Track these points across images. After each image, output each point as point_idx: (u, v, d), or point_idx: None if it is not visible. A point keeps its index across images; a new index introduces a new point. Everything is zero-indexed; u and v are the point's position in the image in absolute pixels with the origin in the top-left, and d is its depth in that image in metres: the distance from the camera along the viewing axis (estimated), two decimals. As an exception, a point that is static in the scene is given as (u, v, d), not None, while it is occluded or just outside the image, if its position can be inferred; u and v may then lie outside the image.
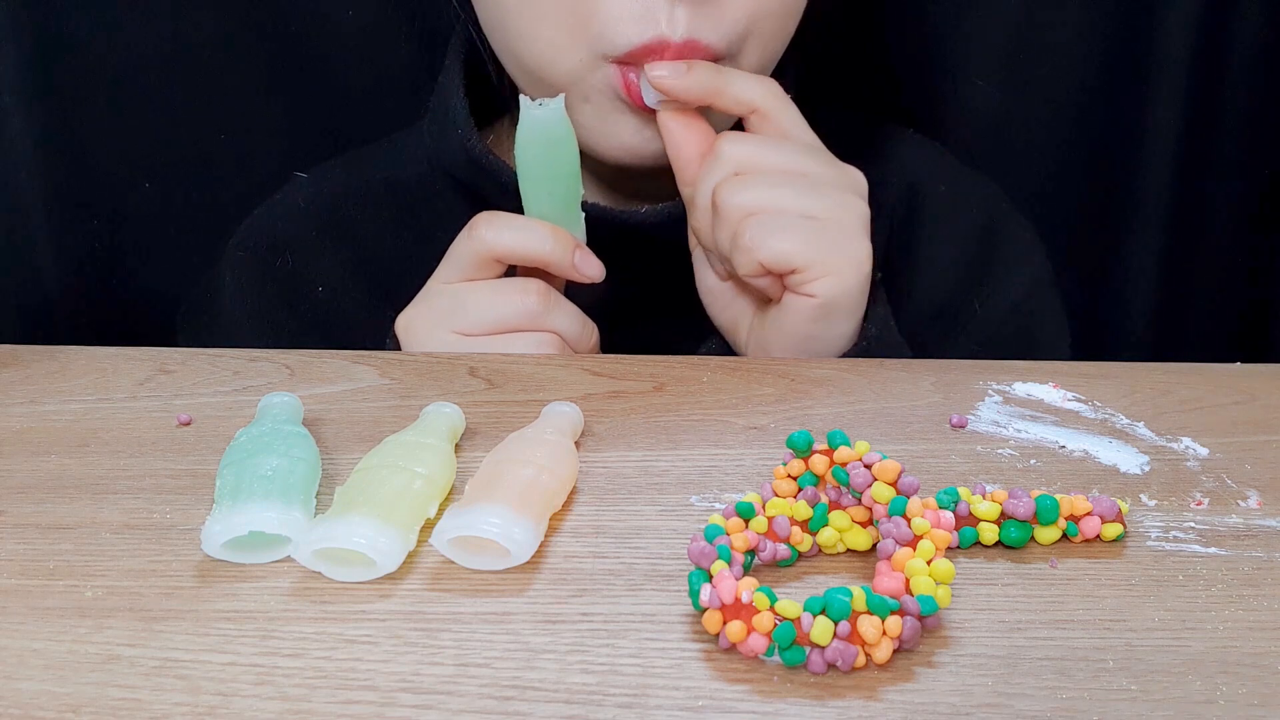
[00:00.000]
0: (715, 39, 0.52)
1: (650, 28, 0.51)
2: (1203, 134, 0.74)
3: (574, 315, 0.54)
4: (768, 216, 0.50)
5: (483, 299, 0.52)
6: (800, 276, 0.50)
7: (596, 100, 0.54)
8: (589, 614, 0.34)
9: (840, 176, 0.52)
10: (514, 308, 0.52)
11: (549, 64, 0.54)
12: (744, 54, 0.54)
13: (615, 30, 0.51)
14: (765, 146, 0.52)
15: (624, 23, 0.51)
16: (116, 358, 0.50)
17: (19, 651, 0.33)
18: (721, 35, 0.52)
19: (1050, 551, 0.38)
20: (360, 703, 0.31)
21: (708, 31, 0.51)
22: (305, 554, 0.36)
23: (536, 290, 0.52)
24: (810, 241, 0.50)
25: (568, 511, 0.40)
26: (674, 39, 0.51)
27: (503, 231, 0.52)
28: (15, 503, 0.40)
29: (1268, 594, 0.36)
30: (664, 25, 0.51)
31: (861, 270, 0.51)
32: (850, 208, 0.51)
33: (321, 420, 0.45)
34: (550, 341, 0.52)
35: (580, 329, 0.54)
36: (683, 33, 0.51)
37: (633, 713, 0.31)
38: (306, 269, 0.63)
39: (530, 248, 0.52)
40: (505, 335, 0.52)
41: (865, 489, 0.37)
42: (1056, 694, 0.31)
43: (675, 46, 0.51)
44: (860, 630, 0.32)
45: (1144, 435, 0.45)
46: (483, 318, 0.52)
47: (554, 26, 0.53)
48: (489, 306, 0.52)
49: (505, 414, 0.46)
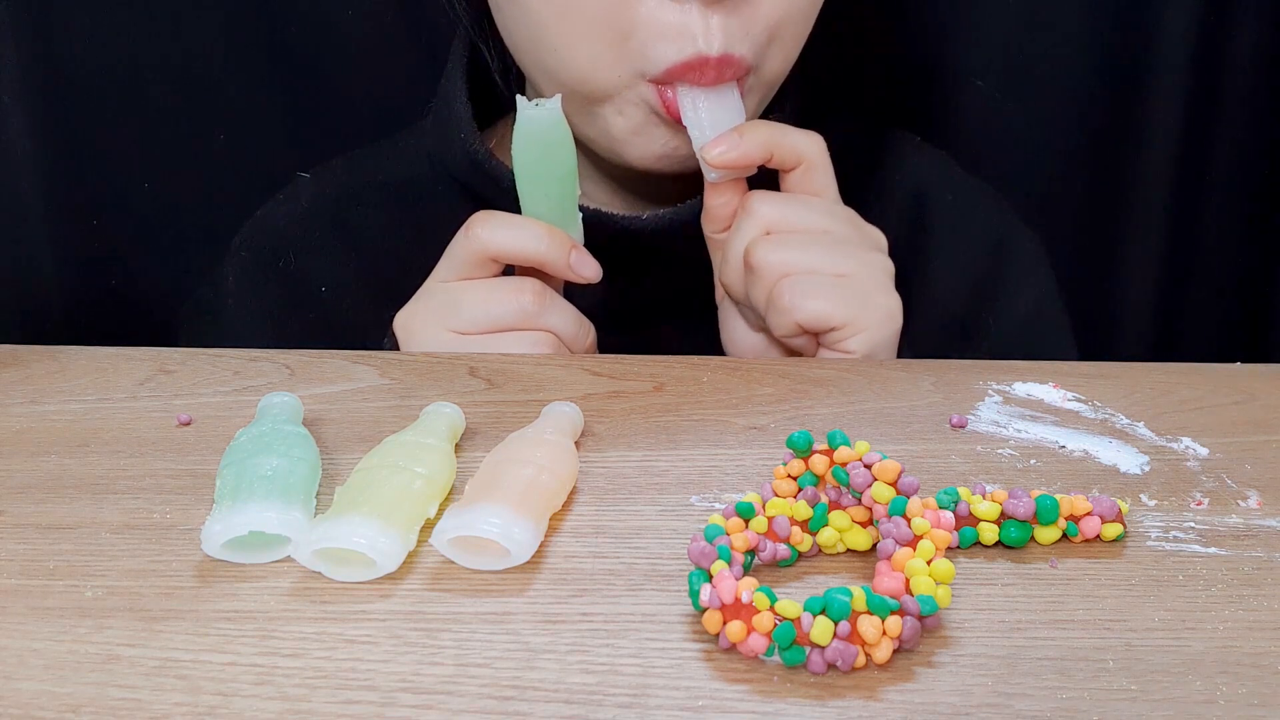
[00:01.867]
0: (746, 50, 0.52)
1: (689, 44, 0.51)
2: (1202, 135, 0.74)
3: (570, 315, 0.53)
4: (802, 277, 0.51)
5: (478, 298, 0.52)
6: (837, 335, 0.51)
7: (631, 114, 0.54)
8: (589, 614, 0.34)
9: (864, 234, 0.54)
10: (508, 307, 0.52)
11: (587, 79, 0.54)
12: (768, 61, 0.54)
13: (653, 47, 0.51)
14: (796, 206, 0.53)
15: (662, 40, 0.51)
16: (116, 358, 0.50)
17: (19, 651, 0.33)
18: (751, 45, 0.52)
19: (1050, 551, 0.38)
20: (360, 703, 0.31)
21: (738, 43, 0.51)
22: (305, 554, 0.36)
23: (531, 290, 0.52)
24: (844, 301, 0.51)
25: (568, 511, 0.40)
26: (711, 54, 0.51)
27: (498, 230, 0.52)
28: (15, 503, 0.40)
29: (1268, 594, 0.36)
30: (700, 41, 0.51)
31: (894, 323, 0.53)
32: (877, 265, 0.53)
33: (321, 420, 0.45)
34: (546, 341, 0.52)
35: (576, 329, 0.53)
36: (719, 47, 0.51)
37: (633, 713, 0.31)
38: (309, 268, 0.63)
39: (525, 247, 0.52)
40: (500, 334, 0.52)
41: (865, 489, 0.37)
42: (1056, 694, 0.31)
43: (714, 62, 0.51)
44: (860, 630, 0.32)
45: (1144, 435, 0.45)
46: (477, 316, 0.52)
47: (593, 42, 0.52)
48: (484, 306, 0.52)
49: (505, 414, 0.46)
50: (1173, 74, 0.73)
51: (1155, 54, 0.72)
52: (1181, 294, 0.78)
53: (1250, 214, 0.77)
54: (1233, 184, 0.76)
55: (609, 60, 0.52)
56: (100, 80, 0.71)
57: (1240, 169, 0.75)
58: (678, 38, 0.51)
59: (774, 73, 0.55)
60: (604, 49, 0.52)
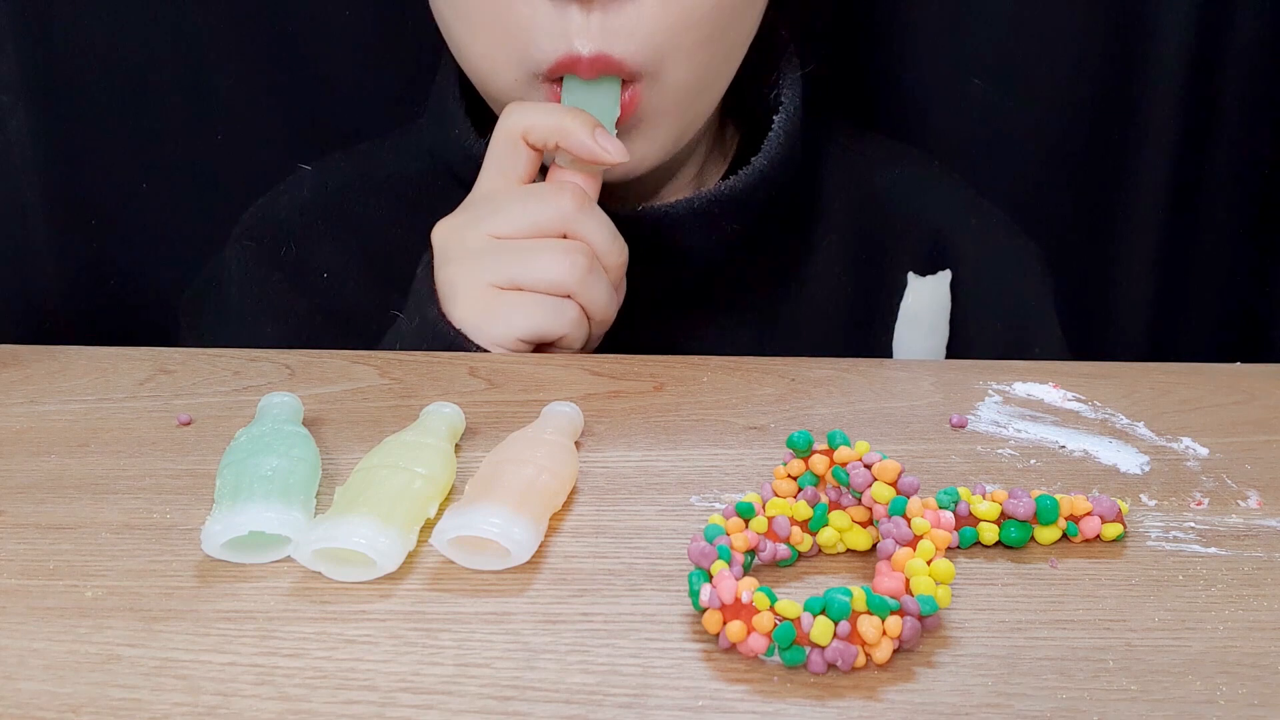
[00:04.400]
0: (627, 52, 0.52)
1: (563, 43, 0.52)
2: (1200, 134, 0.74)
3: (607, 226, 0.53)
4: None
5: (517, 201, 0.52)
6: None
7: None
8: (589, 614, 0.34)
9: None
10: (548, 207, 0.52)
11: (488, 78, 0.55)
12: (666, 71, 0.54)
13: (535, 46, 0.52)
14: None
15: (543, 38, 0.52)
16: (116, 358, 0.50)
17: (19, 651, 0.33)
18: (635, 48, 0.52)
19: (1050, 551, 0.38)
20: (360, 703, 0.31)
21: (619, 44, 0.52)
22: (305, 554, 0.36)
23: (572, 191, 0.52)
24: None
25: (568, 511, 0.40)
26: (584, 53, 0.52)
27: (528, 110, 0.53)
28: (15, 503, 0.40)
29: (1268, 594, 0.36)
30: (576, 40, 0.52)
31: None
32: None
33: (321, 420, 0.45)
34: (581, 250, 0.51)
35: (611, 241, 0.53)
36: (593, 47, 0.51)
37: (633, 713, 0.31)
38: (311, 258, 0.63)
39: (550, 120, 0.52)
40: (536, 241, 0.52)
41: (865, 489, 0.37)
42: (1056, 694, 0.31)
43: (586, 61, 0.52)
44: (860, 630, 0.32)
45: (1144, 435, 0.45)
46: (517, 218, 0.52)
47: (485, 42, 0.54)
48: (523, 206, 0.52)
49: (505, 414, 0.46)
50: (1172, 72, 0.72)
51: (1154, 53, 0.72)
52: (1181, 294, 0.78)
53: (1249, 213, 0.76)
54: (1231, 183, 0.76)
55: (502, 59, 0.54)
56: (100, 80, 0.71)
57: (1239, 168, 0.75)
58: (557, 37, 0.52)
59: (684, 82, 0.54)
60: (495, 48, 0.54)
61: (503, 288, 0.51)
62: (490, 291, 0.51)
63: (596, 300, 0.52)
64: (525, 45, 0.53)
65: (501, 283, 0.51)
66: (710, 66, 0.56)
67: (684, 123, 0.57)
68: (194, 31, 0.71)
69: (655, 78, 0.54)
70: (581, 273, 0.51)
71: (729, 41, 0.56)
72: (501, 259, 0.51)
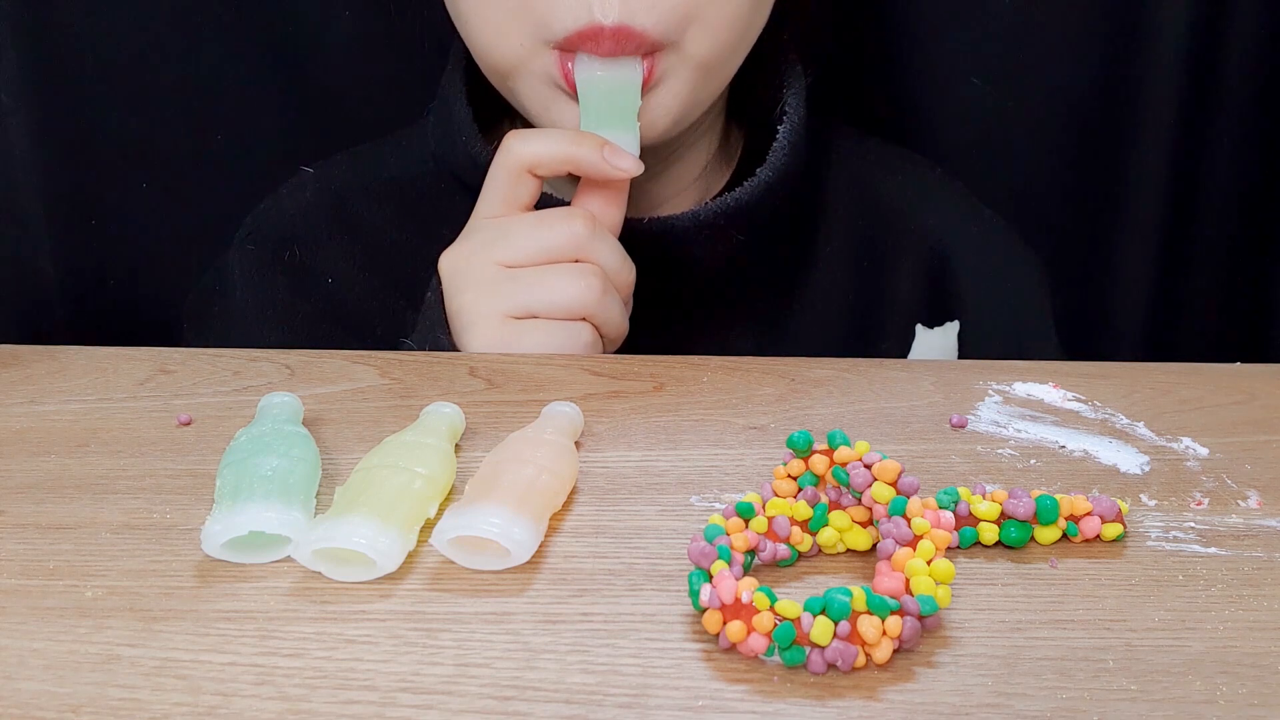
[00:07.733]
0: (650, 24, 0.52)
1: (584, 12, 0.51)
2: (1199, 133, 0.74)
3: (617, 249, 0.53)
4: None
5: (527, 228, 0.52)
6: None
7: (537, 89, 0.55)
8: (589, 614, 0.34)
9: None
10: (559, 233, 0.51)
11: (493, 47, 0.55)
12: (687, 42, 0.53)
13: (554, 15, 0.52)
14: None
15: (561, 7, 0.52)
16: (116, 358, 0.50)
17: (19, 651, 0.33)
18: (657, 20, 0.52)
19: (1050, 551, 0.38)
20: (360, 703, 0.31)
21: (642, 15, 0.51)
22: (305, 554, 0.36)
23: (583, 216, 0.52)
24: None
25: (568, 511, 0.40)
26: (606, 24, 0.51)
27: (530, 140, 0.53)
28: (15, 503, 0.40)
29: (1268, 594, 0.36)
30: (596, 10, 0.51)
31: None
32: None
33: (321, 420, 0.45)
34: (595, 272, 0.52)
35: (621, 262, 0.53)
36: (615, 18, 0.51)
37: (633, 713, 0.31)
38: (315, 261, 0.63)
39: (557, 149, 0.52)
40: (549, 267, 0.52)
41: (865, 489, 0.37)
42: (1056, 694, 0.31)
43: (609, 32, 0.51)
44: (860, 630, 0.32)
45: (1144, 435, 0.45)
46: (528, 246, 0.52)
47: (498, 9, 0.53)
48: (534, 233, 0.52)
49: (505, 414, 0.46)
50: (1170, 72, 0.72)
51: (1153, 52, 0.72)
52: (1180, 294, 0.78)
53: (1248, 213, 0.76)
54: (1230, 183, 0.76)
55: (512, 28, 0.53)
56: (100, 80, 0.71)
57: (1238, 168, 0.75)
58: (576, 5, 0.51)
59: (702, 55, 0.54)
60: (506, 16, 0.53)
61: (518, 317, 0.51)
62: (506, 322, 0.51)
63: (611, 320, 0.52)
64: (545, 13, 0.52)
65: (517, 312, 0.51)
66: (728, 43, 0.56)
67: (695, 99, 0.57)
68: (194, 32, 0.71)
69: (676, 48, 0.53)
70: (597, 295, 0.51)
71: (746, 20, 0.56)
72: (516, 288, 0.51)
